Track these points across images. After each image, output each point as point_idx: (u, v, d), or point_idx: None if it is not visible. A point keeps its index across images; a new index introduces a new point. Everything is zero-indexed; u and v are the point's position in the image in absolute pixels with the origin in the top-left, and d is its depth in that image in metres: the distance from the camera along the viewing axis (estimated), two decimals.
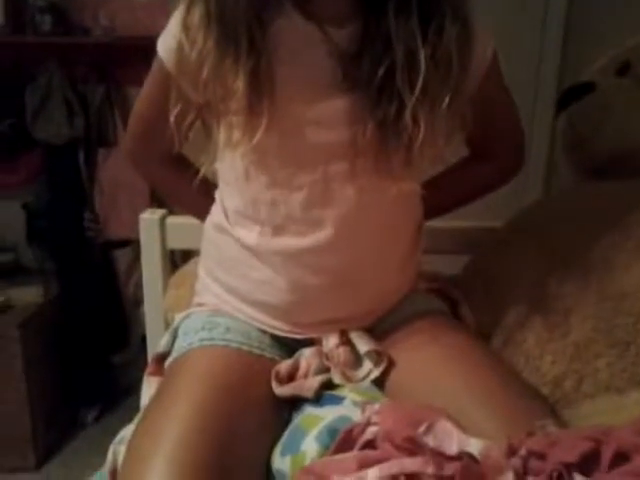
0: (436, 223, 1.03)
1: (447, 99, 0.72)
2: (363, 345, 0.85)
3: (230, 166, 0.83)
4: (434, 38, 0.71)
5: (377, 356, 0.85)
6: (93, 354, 2.30)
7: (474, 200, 1.04)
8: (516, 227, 1.06)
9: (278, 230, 0.82)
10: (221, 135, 0.78)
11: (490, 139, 0.96)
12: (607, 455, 0.59)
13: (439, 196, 0.99)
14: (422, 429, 0.62)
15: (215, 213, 0.93)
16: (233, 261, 0.89)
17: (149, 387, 0.89)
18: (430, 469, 0.57)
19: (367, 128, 0.74)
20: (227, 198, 0.88)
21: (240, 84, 0.71)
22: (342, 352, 0.85)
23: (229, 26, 0.71)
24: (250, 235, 0.85)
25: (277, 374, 0.82)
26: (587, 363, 0.82)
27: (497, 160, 0.99)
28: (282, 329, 0.88)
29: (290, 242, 0.82)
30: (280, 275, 0.84)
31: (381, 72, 0.71)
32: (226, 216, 0.88)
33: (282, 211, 0.81)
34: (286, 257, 0.83)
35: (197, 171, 0.84)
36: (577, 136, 1.14)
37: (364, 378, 0.84)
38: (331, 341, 0.86)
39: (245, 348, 0.84)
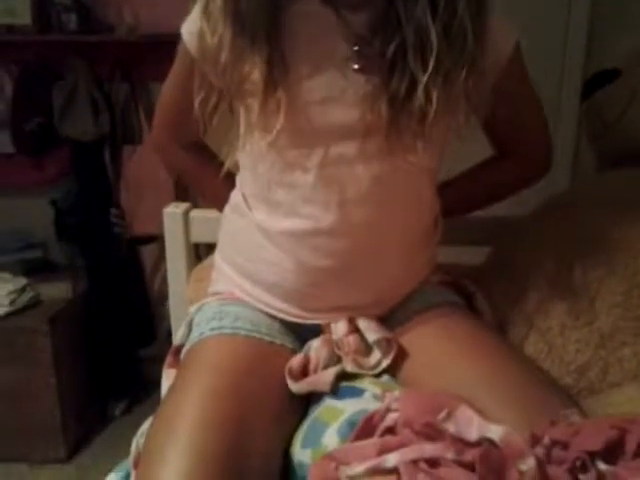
0: None
1: (462, 74, 0.72)
2: (372, 334, 0.85)
3: (248, 150, 0.84)
4: (445, 14, 0.71)
5: (386, 344, 0.84)
6: (121, 348, 2.34)
7: (498, 201, 1.04)
8: (540, 215, 1.04)
9: (289, 211, 0.83)
10: (241, 120, 0.80)
11: (515, 136, 0.95)
12: (632, 444, 0.59)
13: (462, 195, 1.00)
14: (442, 415, 0.62)
15: (234, 197, 0.94)
16: (247, 243, 0.90)
17: (167, 379, 0.90)
18: (450, 454, 0.57)
19: (380, 107, 0.74)
20: (245, 182, 0.90)
21: (257, 72, 0.73)
22: (352, 340, 0.85)
23: (245, 18, 0.72)
24: (263, 216, 0.86)
25: (290, 371, 0.82)
26: (612, 352, 0.81)
27: (522, 159, 0.99)
28: (291, 313, 0.89)
29: (299, 223, 0.83)
30: (289, 256, 0.85)
31: (391, 50, 0.72)
32: (245, 200, 0.90)
33: (294, 193, 0.82)
34: (295, 238, 0.83)
35: (221, 161, 0.85)
36: (602, 123, 1.12)
37: (376, 366, 0.84)
38: (340, 329, 0.86)
39: (255, 335, 0.85)
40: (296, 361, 0.84)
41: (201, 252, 1.52)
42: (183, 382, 0.78)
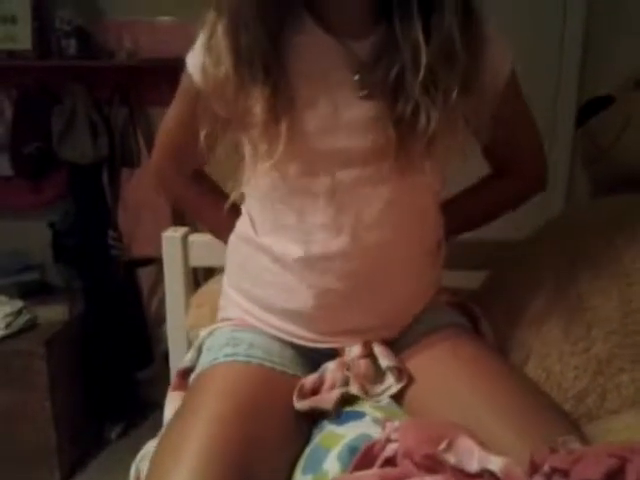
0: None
1: (457, 88, 0.73)
2: (385, 360, 0.85)
3: (254, 180, 0.84)
4: (435, 30, 0.72)
5: (398, 373, 0.84)
6: (117, 371, 2.32)
7: (496, 218, 1.05)
8: (535, 240, 1.05)
9: (300, 237, 0.84)
10: (245, 150, 0.81)
11: (512, 156, 0.97)
12: (632, 474, 0.58)
13: (461, 213, 1.00)
14: (443, 446, 0.62)
15: (241, 225, 0.95)
16: (256, 269, 0.90)
17: (172, 402, 0.90)
18: None
19: (387, 132, 0.76)
20: (252, 209, 0.90)
21: (258, 105, 0.74)
22: (363, 364, 0.85)
23: (244, 54, 0.74)
24: (271, 241, 0.86)
25: (301, 389, 0.82)
26: (610, 378, 0.81)
27: (519, 179, 1.00)
28: (304, 337, 0.89)
29: (310, 248, 0.83)
30: (298, 280, 0.85)
31: (392, 75, 0.74)
32: (253, 227, 0.90)
33: (304, 219, 0.83)
34: (305, 262, 0.84)
35: (221, 190, 0.86)
36: (596, 149, 1.13)
37: (382, 393, 0.84)
38: (354, 352, 0.87)
39: (267, 364, 0.85)
40: (309, 380, 0.84)
41: (199, 276, 1.52)
42: (192, 408, 0.78)
